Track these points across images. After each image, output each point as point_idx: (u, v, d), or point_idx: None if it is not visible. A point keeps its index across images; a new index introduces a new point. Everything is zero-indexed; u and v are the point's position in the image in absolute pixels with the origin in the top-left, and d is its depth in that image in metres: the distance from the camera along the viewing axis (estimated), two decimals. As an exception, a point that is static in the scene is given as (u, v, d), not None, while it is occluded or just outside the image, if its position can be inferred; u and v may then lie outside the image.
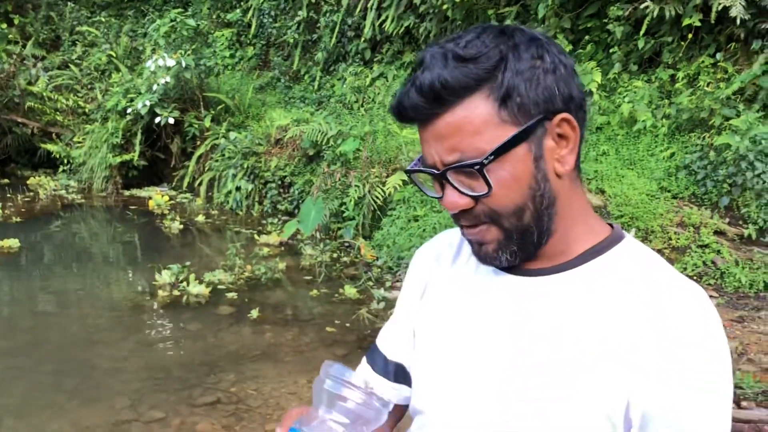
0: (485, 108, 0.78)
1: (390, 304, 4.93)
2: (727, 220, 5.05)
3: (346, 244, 6.54)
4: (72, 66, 10.44)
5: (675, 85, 5.98)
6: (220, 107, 8.96)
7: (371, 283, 5.47)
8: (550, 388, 0.80)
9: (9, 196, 8.84)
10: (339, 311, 4.94)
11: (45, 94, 9.75)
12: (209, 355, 4.20)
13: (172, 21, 9.15)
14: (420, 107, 0.80)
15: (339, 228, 6.69)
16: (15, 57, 10.21)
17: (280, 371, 3.93)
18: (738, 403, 3.23)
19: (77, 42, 10.98)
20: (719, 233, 4.96)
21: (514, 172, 0.80)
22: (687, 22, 5.71)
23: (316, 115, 8.25)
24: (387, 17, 8.40)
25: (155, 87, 8.49)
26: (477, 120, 0.78)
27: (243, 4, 10.81)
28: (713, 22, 5.58)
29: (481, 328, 0.88)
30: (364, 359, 1.09)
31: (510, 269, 0.89)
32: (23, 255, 6.31)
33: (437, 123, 0.80)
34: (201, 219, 7.82)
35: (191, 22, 9.29)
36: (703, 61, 5.88)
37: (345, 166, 6.94)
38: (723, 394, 0.77)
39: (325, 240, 6.70)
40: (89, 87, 10.21)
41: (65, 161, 9.70)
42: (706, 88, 5.67)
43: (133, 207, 8.53)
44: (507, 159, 0.79)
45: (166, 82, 8.43)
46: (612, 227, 0.91)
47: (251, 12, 10.50)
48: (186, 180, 8.99)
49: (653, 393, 0.76)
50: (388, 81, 8.59)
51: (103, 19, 11.15)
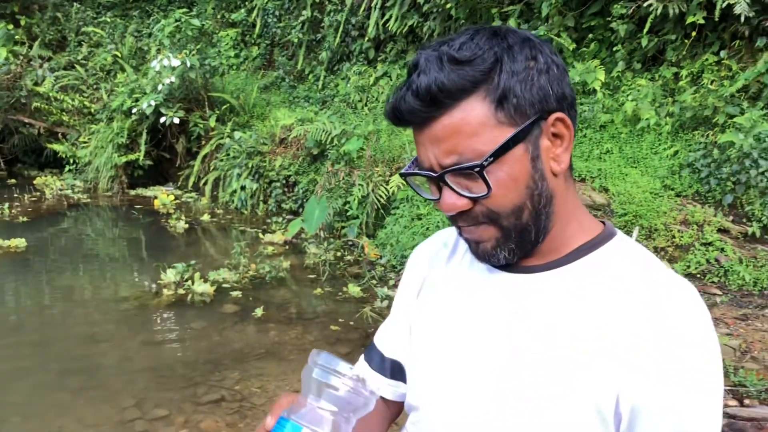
0: (482, 110, 0.79)
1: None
2: (731, 218, 5.04)
3: (349, 242, 6.56)
4: (78, 66, 10.49)
5: (678, 83, 5.97)
6: (224, 107, 8.99)
7: (375, 282, 5.49)
8: (545, 386, 0.81)
9: (16, 195, 8.89)
10: (343, 310, 4.96)
11: (51, 94, 9.79)
12: (214, 354, 4.22)
13: (176, 21, 9.19)
14: (417, 110, 0.80)
15: (343, 227, 6.70)
16: (22, 58, 10.27)
17: (284, 369, 3.95)
18: (741, 401, 3.23)
19: (83, 42, 11.03)
20: (723, 231, 4.96)
21: (512, 172, 0.81)
22: (691, 19, 5.70)
23: (320, 115, 8.26)
24: (391, 16, 8.41)
25: (160, 87, 8.53)
26: (474, 122, 0.79)
27: (247, 3, 10.84)
28: (717, 19, 5.57)
29: (477, 326, 0.89)
30: (362, 356, 1.11)
31: (504, 267, 0.90)
32: (30, 254, 6.35)
33: (434, 126, 0.80)
34: (206, 218, 7.85)
35: (196, 22, 9.31)
36: (707, 59, 5.87)
37: (349, 165, 6.96)
38: (719, 393, 0.79)
39: (329, 239, 6.72)
40: (95, 87, 10.25)
41: (71, 161, 9.75)
42: (709, 86, 5.66)
43: (139, 206, 8.56)
44: (505, 160, 0.80)
45: (171, 82, 8.46)
46: (604, 224, 0.92)
47: (256, 12, 10.52)
48: (191, 179, 9.02)
49: (651, 390, 0.77)
50: (391, 80, 8.60)
51: (109, 20, 11.20)
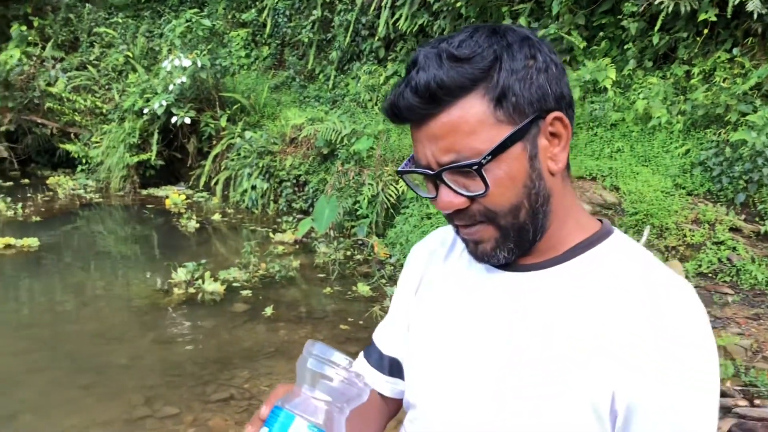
0: (481, 108, 0.78)
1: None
2: (743, 216, 5.00)
3: (359, 242, 6.56)
4: (90, 67, 10.56)
5: (690, 81, 5.93)
6: (235, 107, 9.02)
7: (384, 281, 5.49)
8: (543, 385, 0.81)
9: (29, 195, 8.97)
10: (352, 309, 4.96)
11: (64, 94, 9.87)
12: (223, 352, 4.24)
13: (187, 21, 9.23)
14: (415, 107, 0.80)
15: (353, 226, 6.71)
16: (35, 59, 10.35)
17: (293, 368, 3.94)
18: (751, 401, 3.20)
19: (95, 43, 11.11)
20: (735, 230, 4.92)
21: (510, 171, 0.80)
22: (703, 17, 5.66)
23: (330, 114, 8.27)
24: (401, 15, 8.40)
25: (171, 87, 8.57)
26: (472, 120, 0.78)
27: (258, 3, 10.87)
28: (729, 16, 5.53)
29: (477, 325, 0.89)
30: (361, 353, 1.11)
31: (502, 265, 0.90)
32: (42, 253, 6.40)
33: (432, 123, 0.80)
34: (217, 218, 7.88)
35: (207, 22, 9.35)
36: (720, 57, 5.82)
37: (359, 164, 6.96)
38: (717, 392, 0.79)
39: (339, 238, 6.72)
40: (107, 87, 10.32)
41: (83, 161, 9.81)
42: (722, 83, 5.62)
43: (150, 206, 8.61)
44: (503, 158, 0.80)
45: (182, 82, 8.50)
46: (602, 222, 0.91)
47: (266, 12, 10.55)
48: (202, 179, 9.05)
49: (649, 389, 0.77)
50: (402, 79, 8.59)
51: (120, 21, 11.26)
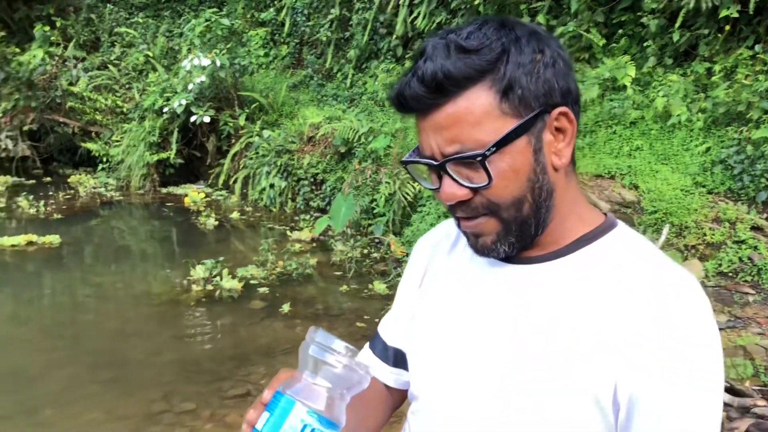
0: (486, 99, 0.78)
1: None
2: (765, 215, 4.93)
3: (376, 240, 6.57)
4: (111, 66, 10.68)
5: (711, 79, 5.85)
6: (254, 106, 9.07)
7: (400, 279, 5.49)
8: (547, 380, 0.81)
9: (51, 193, 9.09)
10: (368, 307, 4.97)
11: (85, 94, 9.99)
12: (240, 349, 4.27)
13: (207, 21, 9.29)
14: (421, 97, 0.80)
15: (369, 224, 6.72)
16: (57, 58, 10.49)
17: (309, 365, 3.98)
18: (771, 402, 3.16)
19: (116, 43, 11.22)
20: (756, 229, 4.85)
21: (513, 164, 0.80)
22: (724, 13, 5.59)
23: (348, 113, 8.29)
24: (419, 14, 8.39)
25: (191, 86, 8.63)
26: (478, 111, 0.78)
27: (277, 3, 10.91)
28: (752, 13, 5.45)
29: (481, 319, 0.89)
30: (366, 344, 1.12)
31: (504, 258, 0.89)
32: (63, 250, 6.49)
33: (437, 114, 0.80)
34: (235, 216, 7.94)
35: (226, 21, 9.41)
36: (741, 54, 5.74)
37: (376, 162, 6.97)
38: (722, 392, 0.79)
39: (356, 236, 6.74)
40: (127, 87, 10.43)
41: (104, 159, 9.93)
42: (743, 80, 5.54)
43: (170, 204, 8.69)
44: (507, 151, 0.79)
45: (201, 81, 8.56)
46: (606, 216, 0.91)
47: (285, 11, 10.59)
48: (221, 177, 9.11)
49: (656, 388, 0.76)
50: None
51: (141, 20, 11.37)
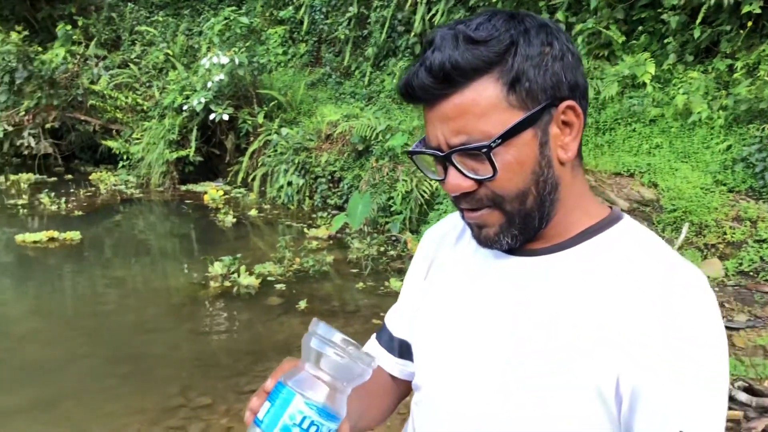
0: (494, 91, 0.78)
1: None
2: (787, 214, 4.86)
3: (393, 237, 6.58)
4: (131, 65, 10.79)
5: (733, 76, 5.79)
6: (272, 104, 9.11)
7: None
8: (549, 375, 0.80)
9: (72, 190, 9.21)
10: (385, 304, 4.98)
11: (106, 92, 10.09)
12: (257, 345, 4.30)
13: (226, 19, 9.35)
14: (428, 87, 0.80)
15: (386, 222, 6.73)
16: (78, 57, 10.62)
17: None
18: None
19: (136, 41, 11.33)
20: (778, 228, 4.79)
21: (519, 156, 0.80)
22: (746, 9, 5.52)
23: (365, 111, 8.30)
24: (437, 11, 8.38)
25: (210, 84, 8.69)
26: (485, 103, 0.78)
27: (295, 1, 10.95)
28: (774, 8, 5.39)
29: (482, 312, 0.89)
30: (373, 335, 1.12)
31: (508, 250, 0.89)
32: (84, 246, 6.57)
33: (444, 104, 0.80)
34: (254, 213, 7.98)
35: (245, 20, 9.46)
36: (764, 50, 5.67)
37: (393, 160, 6.97)
38: (727, 391, 0.78)
39: (373, 234, 6.75)
40: (147, 85, 10.52)
41: (124, 157, 10.03)
42: (766, 77, 5.47)
43: (189, 201, 8.77)
44: (513, 143, 0.79)
45: (220, 79, 8.62)
46: (611, 209, 0.90)
47: (303, 9, 10.62)
48: (240, 175, 9.17)
49: (661, 387, 0.75)
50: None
51: (161, 19, 11.47)
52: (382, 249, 6.34)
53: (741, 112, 5.48)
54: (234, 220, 7.62)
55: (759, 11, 5.48)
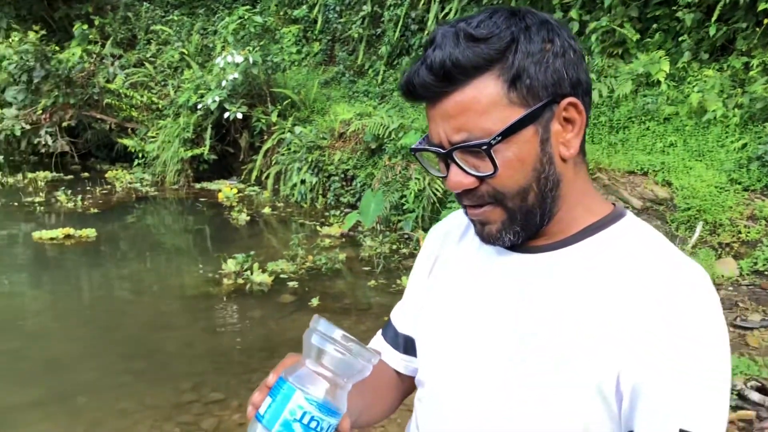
0: (494, 88, 0.78)
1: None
2: (803, 213, 4.82)
3: (405, 235, 6.59)
4: (147, 64, 10.88)
5: (749, 74, 5.73)
6: (286, 102, 9.14)
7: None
8: (550, 373, 0.81)
9: (88, 188, 9.30)
10: (396, 301, 4.94)
11: (122, 91, 10.19)
12: (270, 341, 4.33)
13: (240, 18, 9.40)
14: (429, 85, 0.80)
15: (399, 220, 6.74)
16: (95, 56, 10.72)
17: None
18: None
19: (152, 41, 11.42)
20: (793, 227, 4.75)
21: (520, 153, 0.80)
22: (763, 6, 5.47)
23: (378, 109, 8.31)
24: (450, 10, 8.37)
25: (224, 83, 8.75)
26: (485, 100, 0.78)
27: (309, 0, 10.99)
28: (791, 6, 5.33)
29: (485, 309, 0.90)
30: (379, 331, 1.13)
31: (510, 246, 0.90)
32: (99, 244, 6.64)
33: (446, 102, 0.80)
34: (267, 211, 8.02)
35: (259, 19, 9.51)
36: (780, 48, 5.63)
37: (406, 158, 6.98)
38: (729, 390, 0.78)
39: (385, 232, 6.76)
40: (162, 84, 10.60)
41: (140, 155, 10.11)
42: (782, 75, 5.42)
43: (203, 199, 8.82)
44: (514, 140, 0.79)
45: (234, 78, 8.67)
46: (614, 206, 0.90)
47: (317, 8, 10.66)
48: (254, 173, 9.22)
49: (664, 386, 0.75)
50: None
51: (176, 18, 11.55)
52: (394, 247, 6.35)
53: (757, 110, 5.43)
54: (248, 218, 7.66)
55: (775, 8, 5.44)
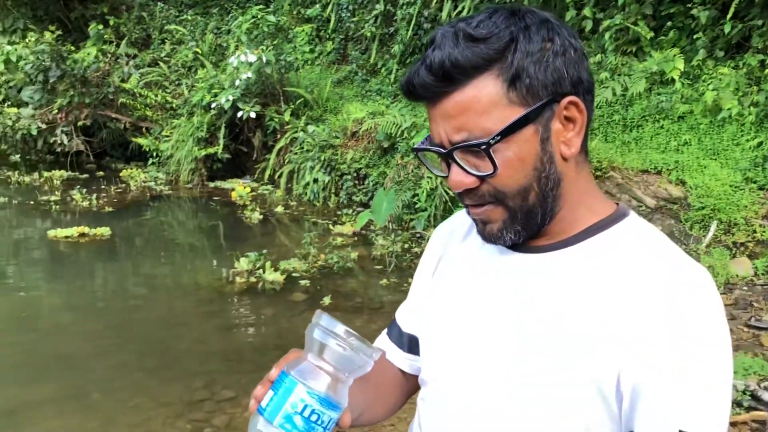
0: (494, 88, 0.78)
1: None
2: (819, 212, 4.77)
3: (417, 234, 6.59)
4: (161, 63, 10.94)
5: (765, 71, 5.67)
6: (299, 101, 9.17)
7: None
8: (551, 373, 0.81)
9: (103, 187, 9.38)
10: (408, 300, 4.98)
11: (136, 90, 10.26)
12: (282, 339, 4.35)
13: (253, 17, 9.44)
14: (429, 85, 0.81)
15: (411, 219, 6.74)
16: (110, 56, 10.81)
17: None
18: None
19: (166, 40, 11.49)
20: (809, 226, 4.70)
21: (520, 153, 0.80)
22: (778, 3, 5.42)
23: (391, 108, 8.31)
24: (463, 8, 8.35)
25: (238, 82, 8.78)
26: (485, 100, 0.79)
27: (322, -1, 11.02)
28: (807, 3, 5.27)
29: (486, 309, 0.90)
30: (384, 330, 1.14)
31: (513, 246, 0.90)
32: (114, 242, 6.69)
33: (446, 102, 0.81)
34: (280, 210, 8.05)
35: (272, 18, 9.54)
36: (797, 45, 5.56)
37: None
38: (730, 390, 0.78)
39: (397, 231, 6.76)
40: (176, 83, 10.66)
41: (154, 154, 10.18)
42: (798, 73, 5.36)
43: (217, 198, 8.87)
44: (514, 140, 0.80)
45: (247, 77, 8.70)
46: (617, 205, 0.90)
47: (330, 7, 10.67)
48: (267, 172, 9.25)
49: (665, 386, 0.75)
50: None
51: (190, 18, 11.62)
52: (406, 246, 6.35)
53: (772, 108, 5.38)
54: (260, 216, 7.69)
55: (792, 5, 5.38)
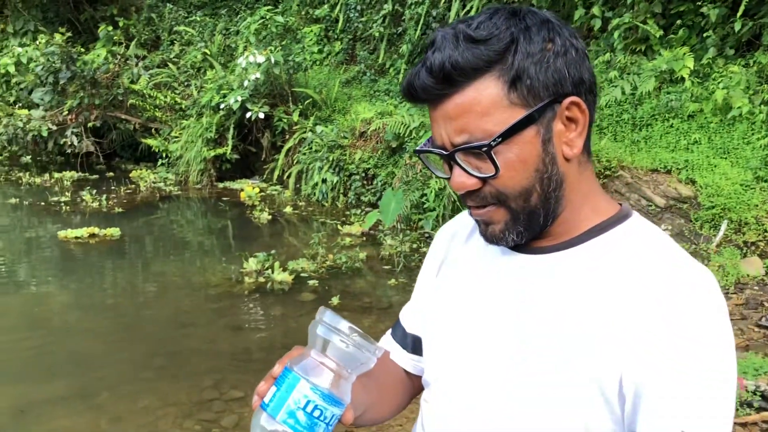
0: (495, 90, 0.78)
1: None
2: (831, 211, 4.73)
3: (425, 234, 6.58)
4: (170, 64, 11.00)
5: (776, 69, 5.64)
6: (307, 102, 9.18)
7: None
8: (551, 373, 0.81)
9: (113, 188, 9.44)
10: (416, 300, 4.98)
11: (146, 91, 10.31)
12: (290, 339, 4.35)
13: (262, 18, 9.47)
14: (430, 88, 0.81)
15: (419, 219, 6.73)
16: (119, 57, 10.87)
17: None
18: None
19: (175, 41, 11.55)
20: (821, 226, 4.66)
21: (521, 154, 0.80)
22: (789, 1, 5.38)
23: (399, 108, 8.31)
24: (472, 8, 8.34)
25: (246, 83, 8.81)
26: (486, 101, 0.78)
27: (330, -1, 11.03)
28: (818, 0, 5.23)
29: (487, 310, 0.90)
30: (388, 331, 1.14)
31: (516, 247, 0.90)
32: (123, 242, 6.73)
33: (447, 104, 0.81)
34: (289, 210, 8.07)
35: (280, 18, 9.57)
36: (808, 43, 5.52)
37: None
38: (733, 390, 0.77)
39: (406, 231, 6.76)
40: (186, 84, 10.71)
41: (163, 155, 10.23)
42: (810, 71, 5.32)
43: (226, 198, 8.90)
44: (515, 141, 0.79)
45: (256, 78, 8.73)
46: (621, 206, 0.90)
47: (338, 7, 10.68)
48: (276, 173, 9.27)
49: (665, 387, 0.75)
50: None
51: (199, 19, 11.67)
52: (414, 246, 6.35)
53: (783, 106, 5.34)
54: (269, 216, 7.71)
55: (803, 3, 5.34)
